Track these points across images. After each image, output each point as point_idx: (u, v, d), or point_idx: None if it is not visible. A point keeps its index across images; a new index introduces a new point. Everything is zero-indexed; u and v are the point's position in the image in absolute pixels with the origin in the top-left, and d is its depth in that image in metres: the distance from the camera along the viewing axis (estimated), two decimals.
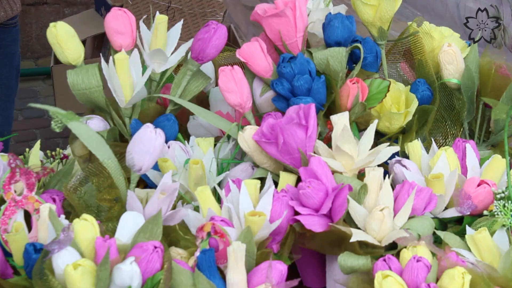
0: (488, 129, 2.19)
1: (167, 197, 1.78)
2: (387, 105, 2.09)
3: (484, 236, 1.79)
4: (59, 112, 1.90)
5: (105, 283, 1.61)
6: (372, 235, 1.78)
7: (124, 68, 1.99)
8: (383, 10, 2.15)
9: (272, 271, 1.68)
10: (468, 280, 1.67)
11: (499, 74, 2.17)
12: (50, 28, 2.02)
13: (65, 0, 6.58)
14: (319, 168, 1.85)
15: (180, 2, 4.68)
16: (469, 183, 1.90)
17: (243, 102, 2.01)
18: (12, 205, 1.78)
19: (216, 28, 2.07)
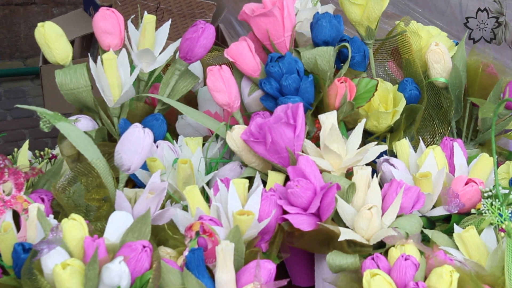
0: (475, 127, 2.19)
1: (156, 197, 1.78)
2: (375, 104, 2.09)
3: (471, 235, 1.79)
4: (47, 112, 1.90)
5: (94, 282, 1.61)
6: (360, 234, 1.78)
7: (112, 68, 1.99)
8: (370, 9, 2.15)
9: (261, 270, 1.68)
10: (456, 278, 1.67)
11: (487, 73, 2.18)
12: (38, 28, 2.01)
13: (53, 0, 6.57)
14: (307, 167, 1.85)
15: (169, 4, 4.67)
16: (457, 181, 1.91)
17: (231, 102, 2.02)
18: (0, 205, 1.78)
19: (204, 28, 2.07)
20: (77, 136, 1.88)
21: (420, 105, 2.15)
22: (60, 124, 1.89)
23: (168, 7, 4.70)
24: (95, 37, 2.08)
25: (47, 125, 1.92)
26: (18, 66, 6.18)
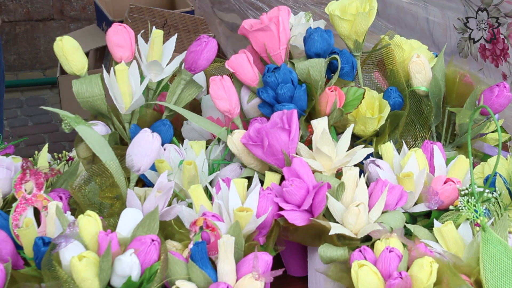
0: (453, 132, 2.19)
1: (163, 195, 1.78)
2: (362, 111, 2.09)
3: (450, 229, 1.79)
4: (69, 115, 1.91)
5: (107, 273, 1.61)
6: (349, 228, 1.78)
7: (124, 78, 1.99)
8: (358, 24, 2.15)
9: (259, 262, 1.68)
10: (435, 268, 1.68)
11: (463, 82, 2.18)
12: (56, 41, 2.01)
13: (70, 16, 6.56)
14: (301, 168, 1.85)
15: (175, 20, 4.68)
16: (436, 181, 1.91)
17: (232, 108, 2.02)
18: (23, 203, 1.78)
19: (207, 42, 2.07)
20: (94, 138, 1.88)
21: (403, 112, 2.15)
22: (79, 127, 1.89)
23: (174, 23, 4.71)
24: (108, 49, 2.08)
25: (68, 127, 1.93)
26: (38, 76, 6.17)
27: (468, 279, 1.73)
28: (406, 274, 1.68)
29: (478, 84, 2.16)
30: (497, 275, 1.73)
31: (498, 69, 2.97)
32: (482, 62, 3.05)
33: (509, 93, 2.13)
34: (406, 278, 1.67)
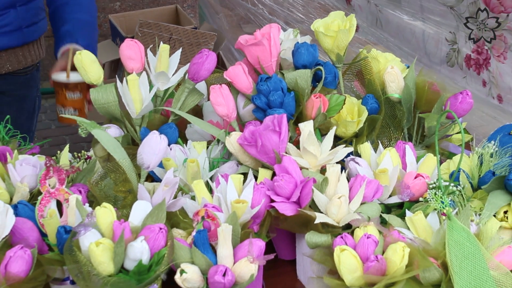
0: (423, 133, 2.20)
1: (170, 189, 1.79)
2: (343, 115, 2.09)
3: (419, 218, 1.80)
4: (85, 121, 1.91)
5: (121, 257, 1.62)
6: (332, 218, 1.79)
7: (135, 87, 1.99)
8: (339, 40, 2.15)
9: (253, 247, 1.68)
10: (407, 252, 1.68)
11: (431, 90, 2.18)
12: (76, 55, 2.02)
13: None
14: (290, 165, 1.85)
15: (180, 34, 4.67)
16: (408, 176, 1.91)
17: (229, 113, 2.02)
18: (47, 196, 1.78)
19: (208, 55, 2.08)
20: (108, 140, 1.88)
21: (379, 116, 2.15)
22: (95, 131, 1.90)
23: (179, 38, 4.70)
24: (121, 62, 2.08)
25: (84, 131, 1.93)
26: None
27: (435, 261, 1.74)
28: (382, 257, 1.68)
29: (444, 91, 2.17)
30: (461, 258, 1.73)
31: (479, 77, 2.98)
32: (466, 71, 3.06)
33: (471, 100, 2.13)
34: (382, 260, 1.68)
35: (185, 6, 6.54)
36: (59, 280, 1.81)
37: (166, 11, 5.31)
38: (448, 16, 3.09)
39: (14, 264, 1.61)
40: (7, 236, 1.68)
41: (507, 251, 1.79)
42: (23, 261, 1.62)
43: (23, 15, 2.93)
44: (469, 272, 1.73)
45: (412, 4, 3.32)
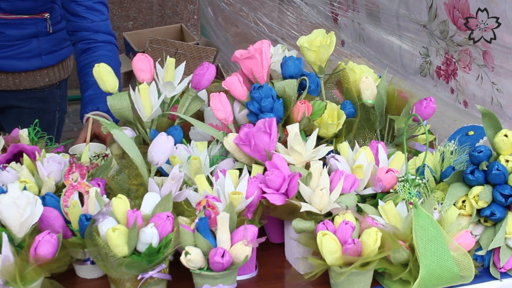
0: (393, 134, 2.20)
1: (176, 182, 1.79)
2: (325, 118, 2.09)
3: (390, 207, 1.80)
4: (106, 122, 1.91)
5: (134, 241, 1.62)
6: (315, 207, 1.79)
7: (145, 95, 1.99)
8: (321, 54, 2.15)
9: (248, 232, 1.69)
10: (379, 236, 1.69)
11: (400, 97, 2.18)
12: (95, 67, 2.01)
13: None
14: (279, 161, 1.85)
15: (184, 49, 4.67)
16: (380, 170, 1.92)
17: (227, 117, 2.02)
18: (70, 189, 1.79)
19: (208, 67, 2.08)
20: (124, 140, 1.88)
21: (355, 119, 2.15)
22: (114, 131, 1.89)
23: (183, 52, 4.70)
24: (133, 73, 2.07)
25: (105, 130, 1.93)
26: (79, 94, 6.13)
27: (404, 244, 1.75)
28: (358, 240, 1.69)
29: (411, 98, 2.17)
30: (425, 241, 1.74)
31: (448, 85, 2.99)
32: (437, 80, 3.08)
33: (434, 105, 2.14)
34: (358, 243, 1.69)
35: (188, 25, 6.53)
36: (81, 261, 1.81)
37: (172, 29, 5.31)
38: (421, 33, 3.10)
39: (42, 247, 1.62)
40: (36, 223, 1.68)
41: (464, 235, 1.81)
42: (50, 244, 1.62)
43: (43, 44, 2.97)
44: (433, 253, 1.74)
45: (390, 22, 3.32)
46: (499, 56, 2.62)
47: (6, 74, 2.94)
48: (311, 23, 4.14)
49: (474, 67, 2.80)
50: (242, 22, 5.09)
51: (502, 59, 2.61)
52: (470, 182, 1.86)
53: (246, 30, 5.03)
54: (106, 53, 2.84)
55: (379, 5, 3.36)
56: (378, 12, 3.42)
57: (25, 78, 2.98)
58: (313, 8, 4.09)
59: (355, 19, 3.64)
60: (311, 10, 4.12)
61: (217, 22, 5.48)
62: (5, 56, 2.89)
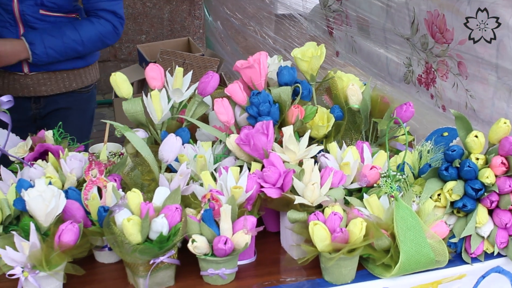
0: (376, 135, 2.20)
1: (183, 178, 1.79)
2: (316, 121, 2.09)
3: (374, 199, 1.80)
4: (120, 125, 1.91)
5: (147, 230, 1.62)
6: (307, 200, 1.79)
7: (157, 100, 1.99)
8: (313, 64, 2.15)
9: (247, 222, 1.69)
10: (364, 225, 1.69)
11: (383, 102, 2.18)
12: (112, 76, 2.01)
13: (121, 58, 6.54)
14: (275, 159, 1.85)
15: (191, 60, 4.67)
16: (365, 167, 1.92)
17: (229, 120, 2.02)
18: (90, 184, 1.78)
19: (213, 76, 2.08)
20: (137, 140, 1.88)
21: (343, 122, 2.15)
22: (127, 133, 1.89)
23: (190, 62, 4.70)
24: (146, 81, 2.07)
25: (119, 133, 1.93)
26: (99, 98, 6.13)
27: (386, 232, 1.75)
28: (345, 229, 1.69)
29: (393, 103, 2.17)
30: (405, 230, 1.74)
31: (428, 91, 3.00)
32: (418, 87, 3.08)
33: (412, 109, 2.13)
34: (345, 232, 1.69)
35: (195, 38, 6.53)
36: (100, 247, 1.81)
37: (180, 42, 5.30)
38: (405, 45, 3.11)
39: (65, 235, 1.62)
40: (60, 214, 1.69)
41: (439, 224, 1.81)
42: (72, 233, 1.62)
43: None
44: (411, 240, 1.74)
45: (378, 36, 3.33)
46: (472, 66, 2.63)
47: (56, 78, 2.91)
48: (310, 35, 4.15)
49: (450, 76, 2.80)
50: (250, 35, 5.11)
51: (475, 69, 2.62)
52: (444, 177, 1.86)
53: (253, 42, 5.04)
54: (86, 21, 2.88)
55: (369, 20, 3.37)
56: (368, 27, 3.42)
57: (74, 79, 2.98)
58: (312, 23, 4.09)
59: (348, 33, 3.64)
60: (310, 24, 4.12)
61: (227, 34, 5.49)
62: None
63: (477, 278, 1.86)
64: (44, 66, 2.83)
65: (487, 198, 1.83)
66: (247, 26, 5.13)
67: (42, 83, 2.89)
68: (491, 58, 2.49)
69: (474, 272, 1.85)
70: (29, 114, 2.95)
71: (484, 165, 1.85)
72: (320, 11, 3.94)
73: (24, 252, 1.59)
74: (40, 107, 2.96)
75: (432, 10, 2.78)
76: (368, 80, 2.28)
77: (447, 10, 2.68)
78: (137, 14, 6.44)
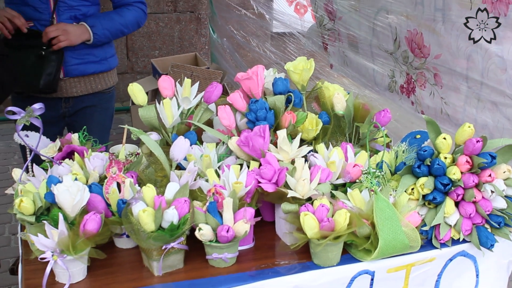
0: (358, 137, 2.20)
1: (191, 175, 1.79)
2: (306, 125, 2.09)
3: (356, 193, 1.81)
4: (135, 130, 1.91)
5: (159, 220, 1.62)
6: (298, 193, 1.79)
7: (168, 107, 2.00)
8: (303, 76, 2.15)
9: (247, 213, 1.69)
10: (348, 216, 1.70)
11: (364, 108, 2.18)
12: (129, 86, 2.02)
13: (137, 71, 6.54)
14: (271, 158, 1.86)
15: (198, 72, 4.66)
16: (349, 165, 1.92)
17: (230, 124, 2.02)
18: (110, 179, 1.79)
19: (216, 86, 2.08)
20: (151, 142, 1.88)
21: (329, 126, 2.15)
22: (142, 136, 1.90)
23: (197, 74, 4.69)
24: (159, 90, 2.08)
25: (135, 136, 1.93)
26: (118, 106, 6.14)
27: (367, 221, 1.75)
28: (332, 219, 1.70)
29: (373, 109, 2.17)
30: (383, 219, 1.75)
31: (409, 99, 3.00)
32: (401, 95, 3.08)
33: (389, 115, 2.14)
34: (331, 221, 1.69)
35: (201, 53, 6.54)
36: (119, 235, 1.82)
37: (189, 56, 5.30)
38: (389, 59, 3.11)
39: (89, 223, 1.62)
40: (84, 206, 1.69)
41: (413, 215, 1.81)
42: (95, 222, 1.63)
43: (106, 49, 3.11)
44: (389, 228, 1.74)
45: (366, 51, 3.33)
46: (446, 77, 2.64)
47: (85, 81, 3.04)
48: (307, 50, 4.15)
49: (427, 86, 2.80)
50: (252, 50, 5.13)
51: (448, 80, 2.63)
52: (417, 174, 1.86)
53: (256, 56, 5.06)
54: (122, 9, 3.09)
55: (358, 37, 3.37)
56: (357, 43, 3.42)
57: (99, 81, 3.11)
58: (309, 39, 4.09)
59: (340, 48, 3.64)
60: (307, 41, 4.13)
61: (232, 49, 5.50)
62: (86, 62, 3.00)
63: (445, 261, 1.86)
64: (76, 71, 2.97)
65: (454, 192, 1.83)
66: (250, 42, 5.15)
67: (73, 85, 3.02)
68: (462, 71, 2.50)
69: (443, 255, 1.85)
70: (60, 112, 3.08)
71: (451, 163, 1.86)
72: (316, 30, 3.95)
73: (54, 238, 1.60)
74: (69, 106, 3.08)
75: (412, 29, 2.79)
76: (351, 91, 2.28)
77: (425, 29, 2.69)
78: (151, 33, 6.44)
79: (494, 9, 2.25)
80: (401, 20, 2.88)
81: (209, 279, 1.65)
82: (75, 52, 2.95)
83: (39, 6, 2.86)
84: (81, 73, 3.00)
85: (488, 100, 2.41)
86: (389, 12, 2.99)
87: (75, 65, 2.97)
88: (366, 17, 3.23)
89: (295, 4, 5.16)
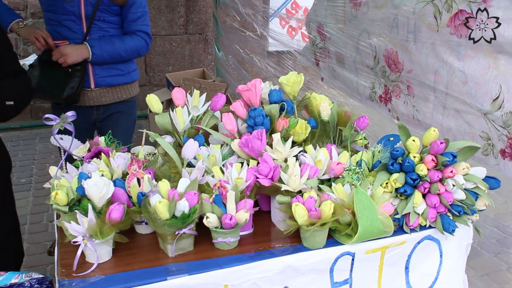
0: (341, 139, 2.20)
1: (200, 171, 1.79)
2: (297, 129, 2.09)
3: (339, 186, 1.80)
4: (153, 134, 1.91)
5: (173, 209, 1.62)
6: (291, 187, 1.79)
7: (180, 114, 2.00)
8: (294, 87, 2.15)
9: (247, 203, 1.69)
10: (332, 206, 1.69)
11: (346, 115, 2.19)
12: (147, 96, 2.01)
13: (154, 84, 6.53)
14: (267, 158, 1.85)
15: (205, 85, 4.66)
16: (333, 163, 1.92)
17: (233, 129, 2.02)
18: (131, 175, 1.79)
19: (221, 96, 2.08)
20: (165, 144, 1.88)
21: (316, 130, 2.15)
22: (158, 139, 1.90)
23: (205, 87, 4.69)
24: (172, 100, 2.08)
25: (152, 139, 1.93)
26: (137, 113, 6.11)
27: (348, 211, 1.75)
28: (319, 209, 1.70)
29: (353, 116, 2.17)
30: (362, 209, 1.74)
31: (386, 107, 3.01)
32: (380, 103, 3.08)
33: (367, 121, 2.13)
34: (318, 210, 1.69)
35: (208, 69, 6.54)
36: (139, 222, 1.81)
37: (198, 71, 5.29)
38: (370, 73, 3.12)
39: (114, 213, 1.62)
40: (109, 198, 1.69)
41: (387, 205, 1.81)
42: (119, 211, 1.63)
43: (129, 64, 3.11)
44: (367, 217, 1.74)
45: (351, 66, 3.34)
46: (417, 88, 2.66)
47: (112, 91, 3.06)
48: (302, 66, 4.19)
49: (402, 96, 2.81)
50: (255, 65, 5.16)
51: (419, 91, 2.65)
52: (391, 170, 1.86)
53: (259, 71, 5.09)
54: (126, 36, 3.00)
55: (344, 55, 3.39)
56: (343, 59, 3.44)
57: (124, 92, 3.12)
58: (304, 56, 4.12)
59: (330, 64, 3.66)
60: (302, 57, 4.16)
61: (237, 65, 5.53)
62: (112, 75, 3.03)
63: (414, 244, 1.86)
64: (104, 82, 2.99)
65: (421, 185, 1.84)
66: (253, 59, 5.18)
67: (103, 95, 3.04)
68: (430, 83, 2.51)
69: (412, 239, 1.85)
70: (91, 119, 3.11)
71: (419, 162, 1.86)
72: (310, 48, 3.98)
73: (84, 225, 1.60)
74: (99, 113, 3.10)
75: (389, 48, 2.81)
76: (335, 100, 2.28)
77: (399, 48, 2.71)
78: (166, 52, 6.44)
79: (457, 31, 2.26)
80: (380, 40, 2.90)
81: (215, 260, 1.65)
82: (104, 67, 2.99)
83: (73, 27, 2.89)
84: (109, 84, 3.03)
85: (452, 108, 2.42)
86: (370, 34, 3.01)
87: (104, 77, 3.01)
88: (351, 38, 3.25)
89: (288, 26, 5.19)
